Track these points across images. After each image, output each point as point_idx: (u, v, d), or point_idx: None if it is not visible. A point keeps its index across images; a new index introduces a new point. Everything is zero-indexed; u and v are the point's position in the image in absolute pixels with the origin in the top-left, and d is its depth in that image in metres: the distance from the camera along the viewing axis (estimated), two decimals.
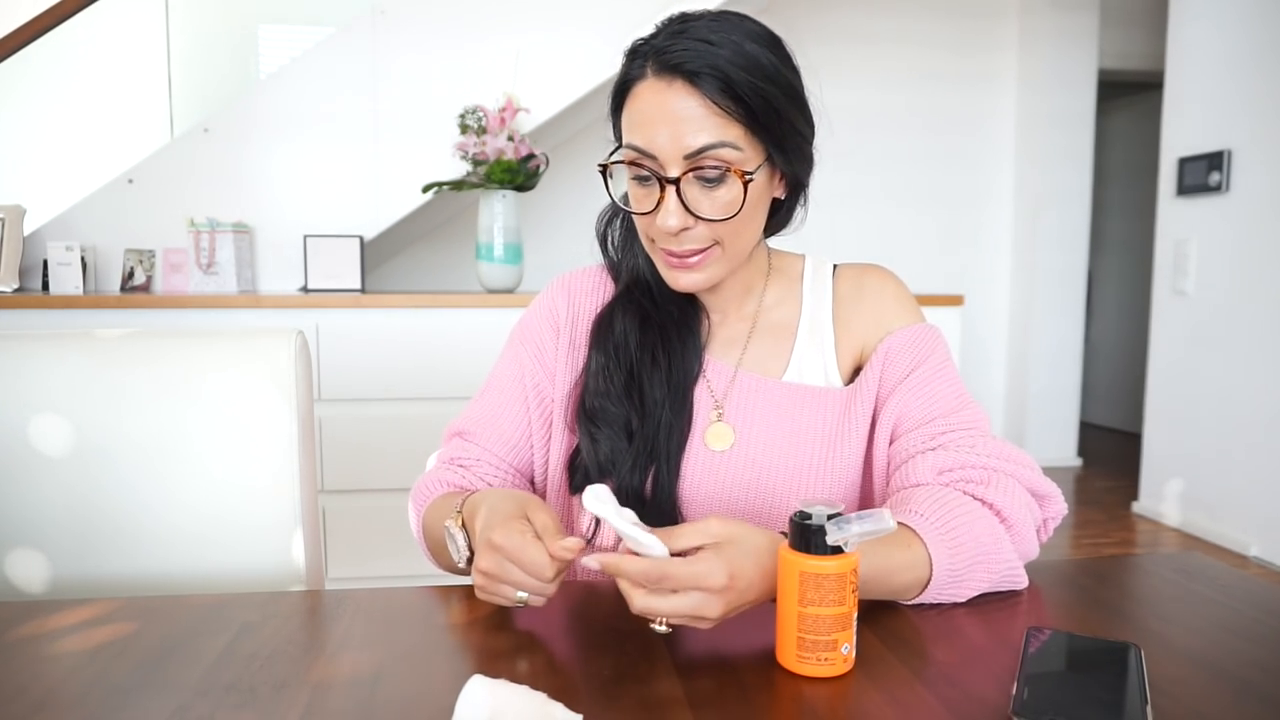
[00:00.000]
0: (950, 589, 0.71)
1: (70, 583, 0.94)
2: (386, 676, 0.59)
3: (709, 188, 0.76)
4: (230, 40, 3.96)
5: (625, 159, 0.78)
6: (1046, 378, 4.16)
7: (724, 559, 0.59)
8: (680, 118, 0.73)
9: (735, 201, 0.76)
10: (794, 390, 0.86)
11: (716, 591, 0.58)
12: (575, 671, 0.59)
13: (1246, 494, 2.96)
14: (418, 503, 0.88)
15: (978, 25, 4.09)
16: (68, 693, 0.57)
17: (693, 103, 0.73)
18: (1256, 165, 2.92)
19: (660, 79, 0.74)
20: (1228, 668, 0.60)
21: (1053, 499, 0.80)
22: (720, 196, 0.76)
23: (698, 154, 0.74)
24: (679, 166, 0.75)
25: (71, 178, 3.28)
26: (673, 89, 0.74)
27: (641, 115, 0.76)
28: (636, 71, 0.77)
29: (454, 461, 0.89)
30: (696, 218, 0.76)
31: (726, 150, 0.74)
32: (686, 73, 0.73)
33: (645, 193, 0.78)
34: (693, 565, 0.59)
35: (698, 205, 0.76)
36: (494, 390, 0.92)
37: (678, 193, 0.75)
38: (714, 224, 0.77)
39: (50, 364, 0.94)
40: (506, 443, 0.89)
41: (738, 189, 0.76)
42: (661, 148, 0.74)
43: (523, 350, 0.91)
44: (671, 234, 0.77)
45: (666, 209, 0.75)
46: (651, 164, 0.76)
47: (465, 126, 2.43)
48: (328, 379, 2.25)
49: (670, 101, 0.74)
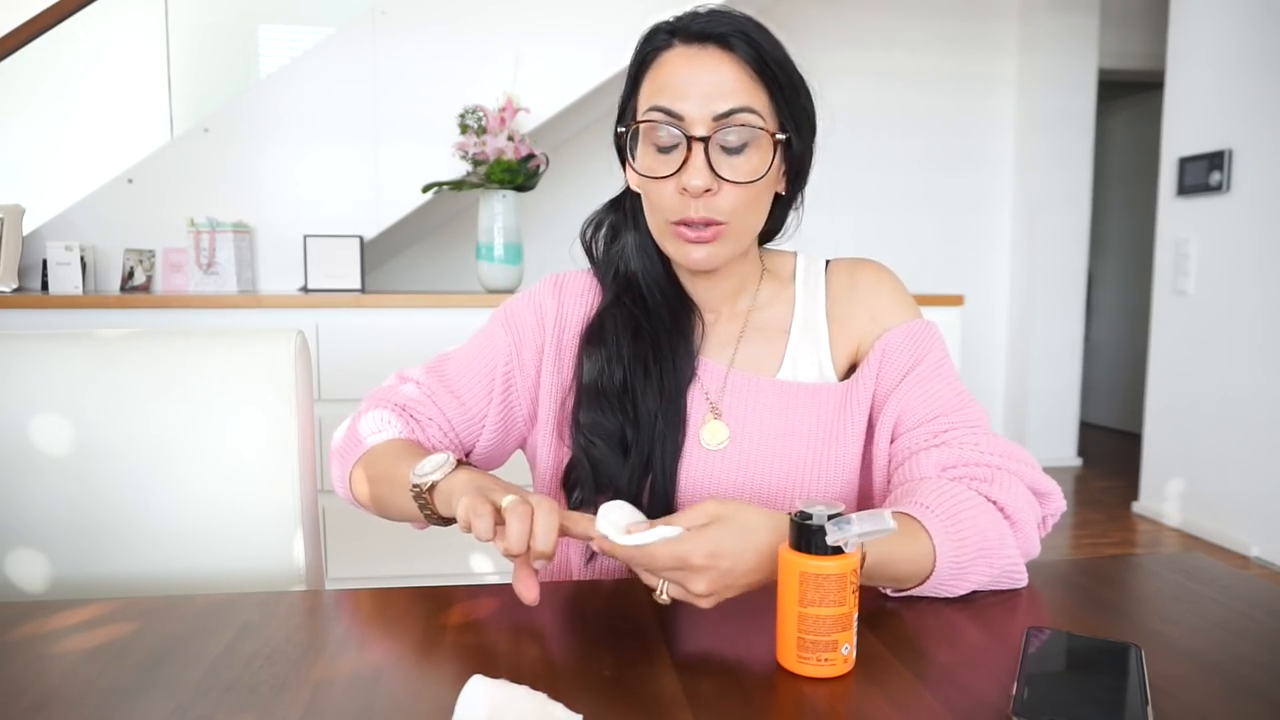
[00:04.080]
0: (951, 582, 0.71)
1: (70, 583, 0.94)
2: (386, 676, 0.59)
3: (733, 154, 0.77)
4: (230, 40, 3.96)
5: (652, 120, 0.77)
6: (1046, 378, 4.16)
7: (705, 536, 0.60)
8: (713, 80, 0.75)
9: (758, 168, 0.77)
10: (788, 388, 0.86)
11: (696, 569, 0.60)
12: (575, 671, 0.59)
13: (1247, 494, 2.96)
14: (356, 441, 0.85)
15: (978, 26, 4.09)
16: (68, 693, 0.57)
17: (726, 65, 0.76)
18: (1257, 165, 2.92)
19: (690, 45, 0.77)
20: (1228, 668, 0.60)
21: (1052, 496, 0.80)
22: (743, 163, 0.77)
23: (727, 115, 0.75)
24: (706, 128, 0.75)
25: (71, 177, 3.28)
26: (705, 52, 0.76)
27: (670, 79, 0.77)
28: (661, 43, 0.78)
29: (404, 408, 0.86)
30: (721, 180, 0.77)
31: (754, 116, 0.76)
32: (718, 36, 0.76)
33: (666, 159, 0.78)
34: (672, 548, 0.60)
35: (721, 169, 0.76)
36: (465, 359, 0.90)
37: (705, 152, 0.76)
38: (735, 189, 0.77)
39: (50, 364, 0.94)
40: (464, 414, 0.88)
41: (759, 156, 0.77)
42: (689, 109, 0.75)
43: (503, 334, 0.89)
44: (696, 195, 0.76)
45: (693, 167, 0.76)
46: (679, 125, 0.76)
47: (465, 126, 2.43)
48: (328, 379, 2.25)
49: (703, 62, 0.76)
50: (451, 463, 0.73)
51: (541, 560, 0.62)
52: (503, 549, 0.61)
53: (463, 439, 0.89)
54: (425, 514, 0.74)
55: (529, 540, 0.60)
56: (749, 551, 0.61)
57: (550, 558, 0.62)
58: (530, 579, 0.64)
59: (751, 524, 0.62)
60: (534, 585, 0.64)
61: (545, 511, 0.61)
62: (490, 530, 0.61)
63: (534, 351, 0.89)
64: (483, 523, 0.61)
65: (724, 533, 0.61)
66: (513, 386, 0.89)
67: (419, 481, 0.72)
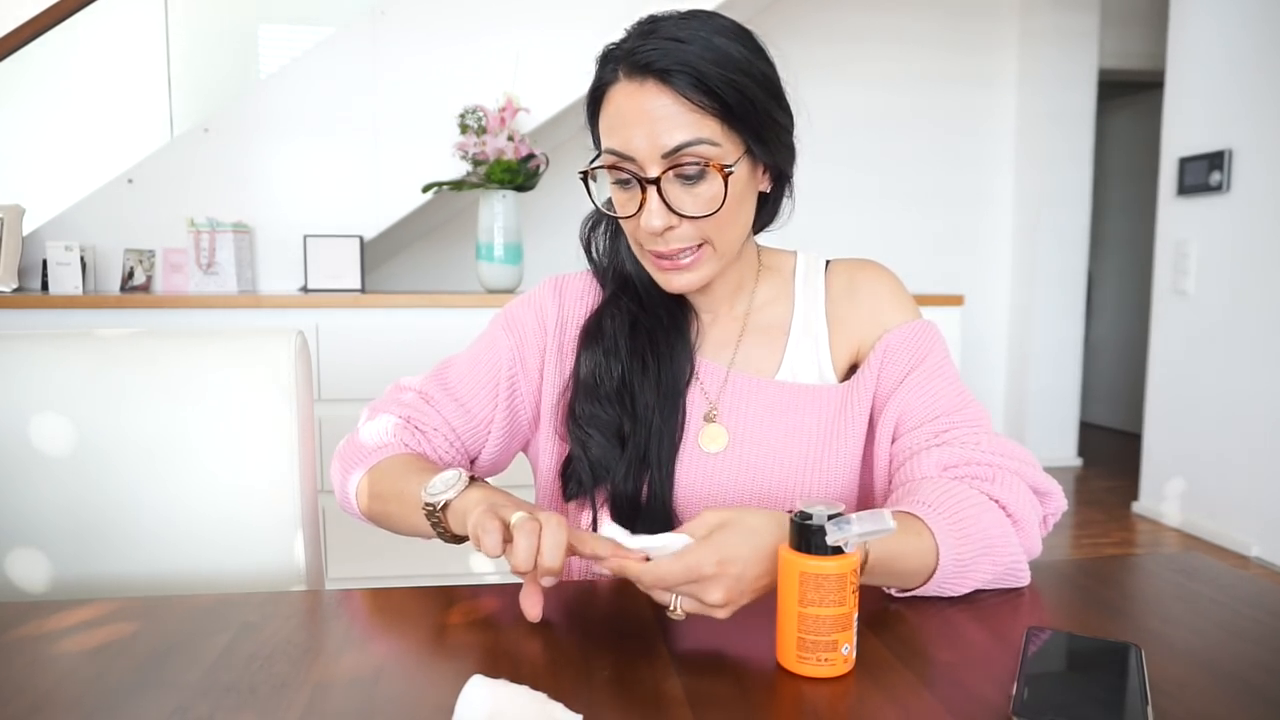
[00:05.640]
0: (954, 580, 0.71)
1: (70, 583, 0.94)
2: (386, 676, 0.59)
3: (690, 185, 0.75)
4: (230, 40, 3.95)
5: (605, 164, 0.77)
6: (1046, 378, 4.16)
7: (712, 546, 0.60)
8: (655, 117, 0.73)
9: (717, 197, 0.76)
10: (787, 389, 0.86)
11: (709, 578, 0.60)
12: (575, 671, 0.59)
13: (1247, 494, 2.96)
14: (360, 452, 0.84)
15: (978, 25, 4.09)
16: (67, 693, 0.57)
17: (666, 100, 0.73)
18: (1257, 165, 2.92)
19: (632, 80, 0.74)
20: (1229, 668, 0.59)
21: (1053, 495, 0.80)
22: (702, 193, 0.76)
23: (675, 152, 0.74)
24: (658, 166, 0.74)
25: (71, 178, 3.28)
26: (645, 89, 0.74)
27: (617, 118, 0.75)
28: (609, 76, 0.77)
29: (410, 421, 0.86)
30: (680, 216, 0.76)
31: (704, 146, 0.74)
32: (657, 71, 0.73)
33: (628, 196, 0.78)
34: (683, 560, 0.60)
35: (680, 204, 0.76)
36: (468, 365, 0.89)
37: (659, 192, 0.75)
38: (698, 221, 0.76)
39: (50, 364, 0.94)
40: (469, 421, 0.87)
41: (718, 184, 0.76)
42: (638, 149, 0.74)
43: (505, 338, 0.89)
44: (657, 234, 0.76)
45: (649, 210, 0.75)
46: (631, 166, 0.75)
47: (465, 126, 2.43)
48: (328, 379, 2.25)
49: (644, 101, 0.73)
50: (464, 480, 0.72)
51: (550, 577, 0.63)
52: (510, 566, 0.62)
53: (468, 446, 0.89)
54: (438, 532, 0.74)
55: (536, 557, 0.61)
56: (757, 553, 0.61)
57: (558, 574, 0.62)
58: (536, 595, 0.65)
59: (754, 525, 0.62)
60: (538, 602, 0.65)
61: (552, 529, 0.62)
62: (498, 547, 0.62)
63: (536, 354, 0.89)
64: (491, 539, 0.62)
65: (730, 537, 0.61)
66: (517, 390, 0.89)
67: (431, 500, 0.72)
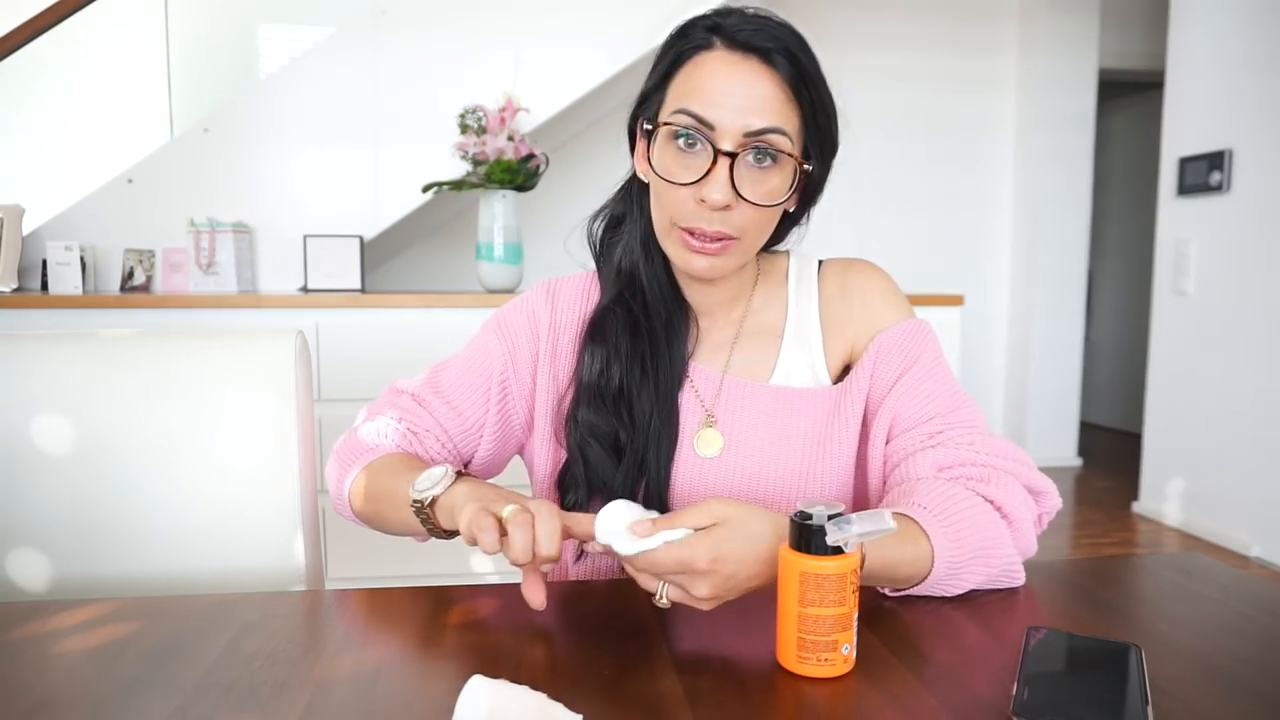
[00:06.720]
0: (949, 582, 0.71)
1: (71, 583, 0.94)
2: (386, 676, 0.59)
3: (761, 170, 0.75)
4: (230, 40, 3.95)
5: (678, 124, 0.75)
6: (1046, 378, 4.16)
7: (710, 541, 0.60)
8: (750, 94, 0.73)
9: (780, 190, 0.76)
10: (781, 393, 0.85)
11: (699, 573, 0.60)
12: (575, 671, 0.59)
13: (1247, 494, 2.96)
14: (356, 452, 0.85)
15: (978, 28, 4.09)
16: (68, 692, 0.57)
17: (765, 81, 0.74)
18: (1257, 165, 2.92)
19: (733, 53, 0.74)
20: (1228, 668, 0.60)
21: (1048, 495, 0.80)
22: (765, 183, 0.76)
23: (758, 134, 0.73)
24: (735, 143, 0.74)
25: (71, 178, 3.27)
26: (747, 64, 0.74)
27: (706, 84, 0.74)
28: (701, 41, 0.76)
29: (402, 420, 0.86)
30: (741, 198, 0.75)
31: (783, 138, 0.74)
32: (762, 51, 0.73)
33: (688, 161, 0.76)
34: (677, 551, 0.60)
35: (744, 186, 0.75)
36: (460, 369, 0.89)
37: (730, 168, 0.74)
38: (753, 208, 0.75)
39: (50, 364, 0.94)
40: (461, 424, 0.88)
41: (787, 178, 0.76)
42: (721, 119, 0.73)
43: (497, 343, 0.89)
44: (714, 209, 0.75)
45: (716, 181, 0.74)
46: (707, 133, 0.74)
47: (465, 126, 2.43)
48: (328, 379, 2.25)
49: (742, 74, 0.74)
50: (451, 475, 0.73)
51: (548, 565, 0.63)
52: (509, 559, 0.62)
53: (461, 450, 0.89)
54: (428, 528, 0.74)
55: (533, 548, 0.61)
56: (752, 557, 0.61)
57: (556, 560, 0.63)
58: (538, 584, 0.65)
59: (755, 530, 0.62)
60: (541, 590, 0.65)
61: (546, 516, 0.62)
62: (495, 544, 0.62)
63: (529, 359, 0.88)
64: (487, 537, 0.62)
65: (727, 537, 0.61)
66: (509, 395, 0.88)
67: (419, 497, 0.72)
